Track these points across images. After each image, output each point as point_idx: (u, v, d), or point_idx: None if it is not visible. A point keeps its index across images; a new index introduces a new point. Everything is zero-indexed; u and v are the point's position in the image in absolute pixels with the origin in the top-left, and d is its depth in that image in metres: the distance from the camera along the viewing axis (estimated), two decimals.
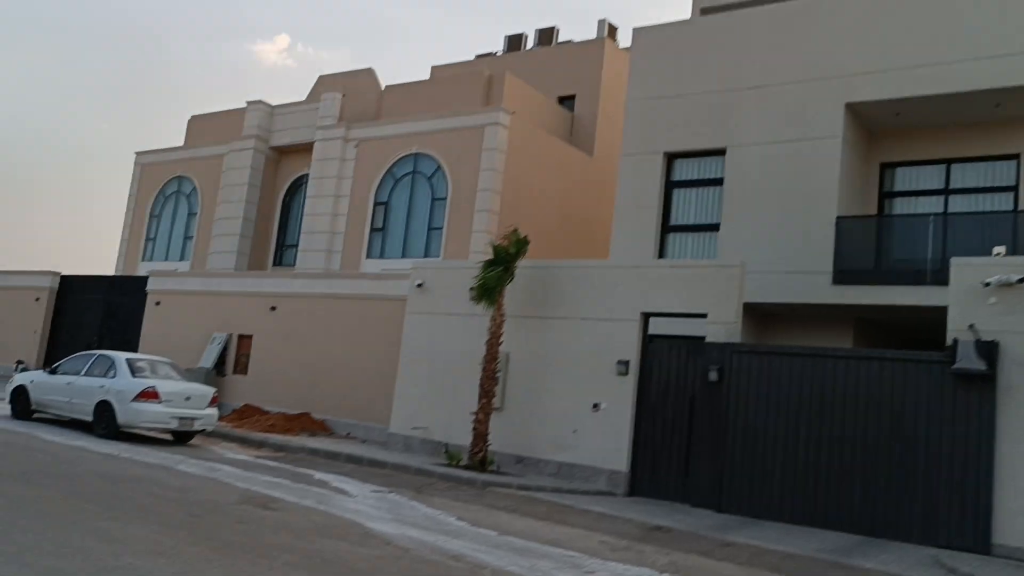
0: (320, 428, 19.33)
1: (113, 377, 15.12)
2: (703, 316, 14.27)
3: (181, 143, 34.16)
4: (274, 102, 31.56)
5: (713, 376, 13.69)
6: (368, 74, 30.49)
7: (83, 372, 15.65)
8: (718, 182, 18.42)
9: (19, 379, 16.57)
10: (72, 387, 15.52)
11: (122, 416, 14.67)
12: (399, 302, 19.19)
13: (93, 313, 27.20)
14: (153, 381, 14.96)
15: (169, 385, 15.12)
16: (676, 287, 14.48)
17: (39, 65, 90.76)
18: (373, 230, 27.06)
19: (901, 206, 18.07)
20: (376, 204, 27.09)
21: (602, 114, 29.38)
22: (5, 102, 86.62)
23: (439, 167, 25.81)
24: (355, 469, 14.51)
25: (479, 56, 34.22)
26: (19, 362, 27.33)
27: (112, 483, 10.06)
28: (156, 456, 13.15)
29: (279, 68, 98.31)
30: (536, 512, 11.83)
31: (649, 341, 15.08)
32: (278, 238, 31.04)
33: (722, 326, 13.91)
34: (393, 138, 27.11)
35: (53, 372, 16.10)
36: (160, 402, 14.74)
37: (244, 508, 9.45)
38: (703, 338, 16.61)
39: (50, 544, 6.58)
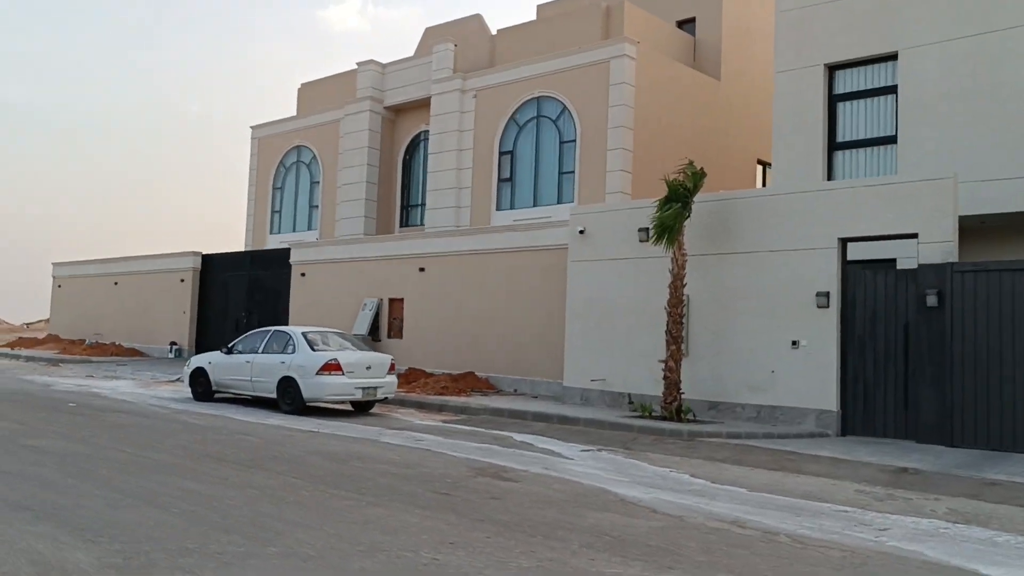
0: (486, 386, 18.96)
1: (292, 352, 14.95)
2: (912, 237, 13.07)
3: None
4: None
5: (932, 300, 12.53)
6: (476, 20, 29.58)
7: (261, 349, 15.54)
8: (890, 90, 16.96)
9: (196, 361, 16.62)
10: (252, 365, 15.43)
11: (307, 391, 14.50)
12: (555, 251, 18.54)
13: (238, 289, 27.50)
14: (334, 353, 14.72)
15: (349, 356, 14.86)
16: (878, 207, 13.27)
17: (111, 50, 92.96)
18: (501, 181, 26.39)
19: None
20: (501, 154, 26.39)
21: (726, 35, 27.77)
22: (103, 95, 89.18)
23: (565, 108, 24.85)
24: (547, 428, 14.01)
25: None
26: (173, 343, 27.98)
27: (337, 463, 9.74)
28: (354, 430, 12.89)
29: (353, 31, 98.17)
30: (763, 462, 11.07)
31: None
32: (402, 199, 30.71)
33: (937, 245, 12.67)
34: (512, 83, 26.23)
35: (229, 352, 16.06)
36: (343, 374, 14.50)
37: (483, 481, 8.97)
38: (892, 260, 15.51)
39: (339, 541, 6.17)
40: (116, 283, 31.31)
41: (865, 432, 13.28)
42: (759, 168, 28.68)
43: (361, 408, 15.58)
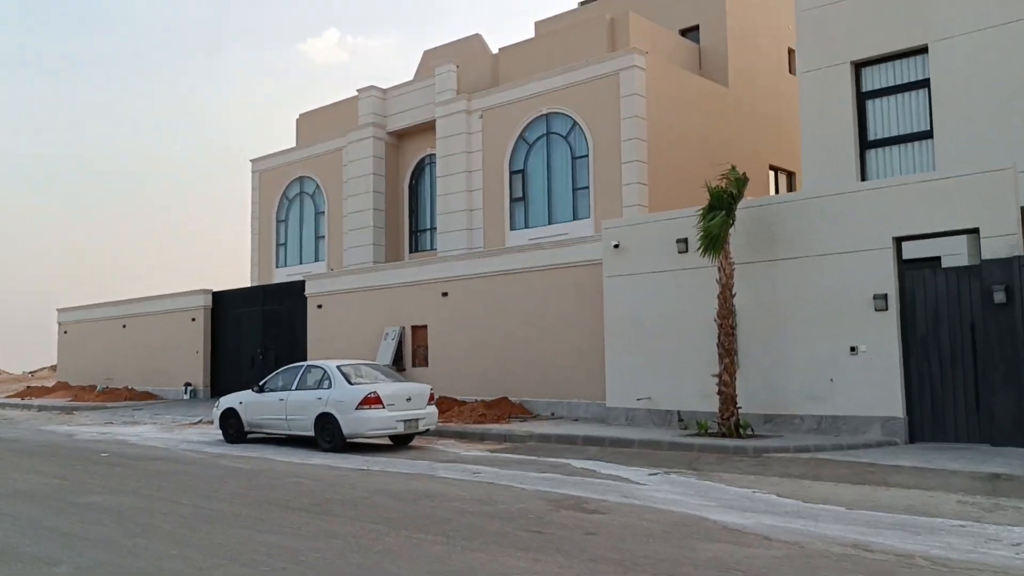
0: (520, 411, 18.38)
1: (328, 387, 14.36)
2: (971, 232, 12.63)
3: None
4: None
5: (999, 297, 12.06)
6: (476, 40, 29.22)
7: (294, 386, 14.94)
8: (922, 84, 16.59)
9: (226, 402, 15.99)
10: (287, 403, 14.83)
11: (347, 427, 13.90)
12: (585, 268, 18.06)
13: (252, 325, 26.84)
14: (373, 386, 14.13)
15: (388, 388, 14.28)
16: (933, 203, 12.82)
17: (91, 98, 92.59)
18: (513, 200, 25.94)
19: None
20: (512, 173, 25.95)
21: (731, 40, 27.49)
22: (86, 137, 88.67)
23: (575, 124, 24.46)
24: (602, 452, 13.44)
25: (582, 3, 32.57)
26: (187, 384, 27.32)
27: (406, 503, 9.15)
28: (405, 465, 12.30)
29: (333, 62, 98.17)
30: (843, 476, 10.54)
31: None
32: (411, 224, 30.20)
33: (1000, 239, 12.21)
34: (519, 102, 25.84)
35: (261, 390, 15.47)
36: (384, 407, 13.92)
37: (567, 515, 8.41)
38: (936, 259, 15.07)
39: None
40: (124, 326, 30.63)
41: (935, 438, 12.76)
42: (771, 173, 28.34)
43: (401, 441, 14.98)
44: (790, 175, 28.83)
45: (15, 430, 19.23)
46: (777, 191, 27.70)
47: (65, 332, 33.75)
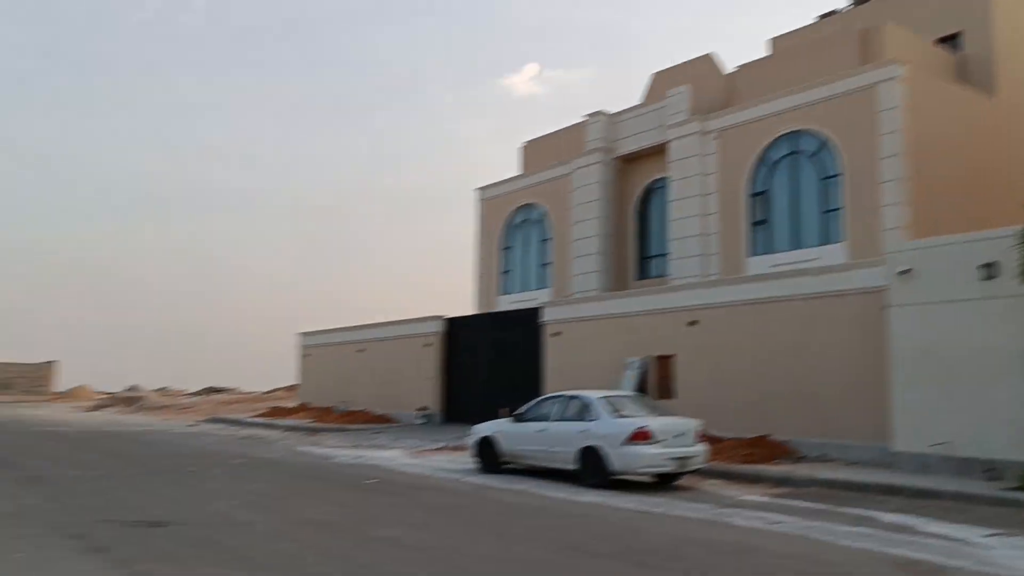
0: (783, 451, 16.90)
1: (592, 420, 13.67)
2: None
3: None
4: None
5: None
6: (706, 61, 28.14)
7: (554, 417, 14.40)
8: None
9: (482, 430, 15.68)
10: (546, 435, 14.28)
11: (615, 462, 13.12)
12: (858, 296, 16.45)
13: (483, 352, 26.81)
14: (644, 420, 13.30)
15: (657, 422, 13.38)
16: None
17: (306, 139, 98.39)
18: (753, 224, 24.54)
19: None
20: (752, 195, 24.57)
21: (997, 47, 24.91)
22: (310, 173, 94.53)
23: (824, 142, 22.79)
24: (907, 504, 11.85)
25: (822, 17, 30.70)
26: (422, 408, 27.72)
27: (729, 557, 8.17)
28: (687, 508, 11.31)
29: (532, 96, 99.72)
30: None
31: None
32: (638, 250, 29.35)
33: None
34: (758, 121, 24.55)
35: (519, 419, 15.04)
36: (653, 443, 13.04)
37: None
38: None
39: None
40: (362, 350, 31.65)
41: None
42: None
43: (665, 480, 13.99)
44: None
45: (272, 451, 19.93)
46: None
47: (307, 355, 35.43)
